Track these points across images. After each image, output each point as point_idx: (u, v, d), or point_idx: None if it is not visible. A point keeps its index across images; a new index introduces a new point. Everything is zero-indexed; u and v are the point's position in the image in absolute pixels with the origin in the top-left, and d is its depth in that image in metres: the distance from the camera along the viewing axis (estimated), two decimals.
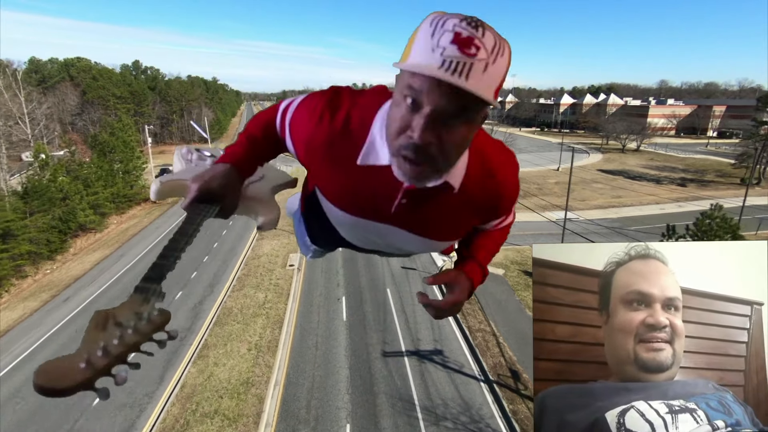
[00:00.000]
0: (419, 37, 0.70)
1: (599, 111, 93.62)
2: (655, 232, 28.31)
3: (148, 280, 0.67)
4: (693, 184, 43.84)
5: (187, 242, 0.79)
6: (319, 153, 0.92)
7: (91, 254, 25.56)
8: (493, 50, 0.67)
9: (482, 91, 0.67)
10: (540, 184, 43.32)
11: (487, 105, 0.72)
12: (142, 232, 28.99)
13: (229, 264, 22.43)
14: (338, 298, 18.57)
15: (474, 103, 0.69)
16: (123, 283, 20.73)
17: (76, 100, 66.13)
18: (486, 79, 0.68)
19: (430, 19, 0.70)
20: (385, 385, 13.05)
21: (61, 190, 26.80)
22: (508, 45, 0.72)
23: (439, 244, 1.07)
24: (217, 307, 17.83)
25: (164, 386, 13.00)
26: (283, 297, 18.70)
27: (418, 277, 20.55)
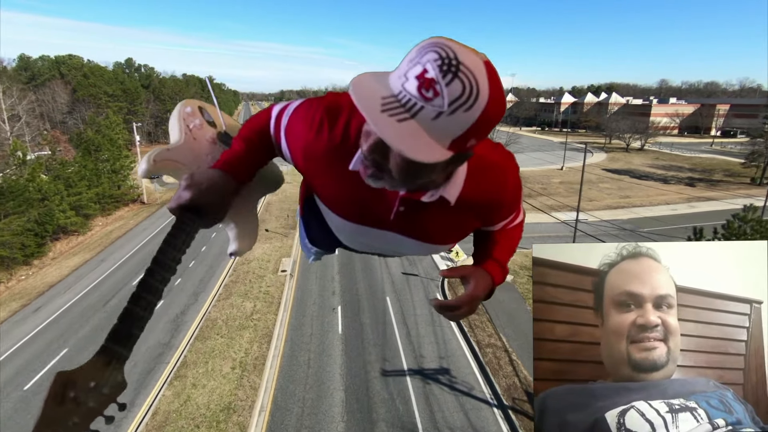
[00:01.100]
0: (404, 59, 0.66)
1: (601, 110, 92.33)
2: (670, 233, 26.87)
3: (114, 340, 0.67)
4: (702, 184, 42.44)
5: (175, 258, 0.79)
6: (320, 163, 0.91)
7: (71, 258, 23.95)
8: (454, 102, 0.60)
9: (411, 140, 0.61)
10: (545, 184, 41.88)
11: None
12: (126, 234, 27.37)
13: (217, 270, 20.84)
14: (333, 308, 17.01)
15: None
16: (100, 291, 19.12)
17: (66, 98, 64.36)
18: (436, 127, 0.62)
19: (424, 44, 0.64)
20: (385, 411, 11.51)
21: (39, 191, 25.18)
22: (487, 97, 0.61)
23: (441, 247, 1.06)
24: (201, 319, 16.25)
25: (133, 413, 11.41)
26: (273, 306, 17.13)
27: (420, 283, 19.02)
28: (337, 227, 1.07)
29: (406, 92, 0.62)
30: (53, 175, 27.48)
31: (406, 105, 0.62)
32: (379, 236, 0.99)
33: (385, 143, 0.63)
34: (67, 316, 17.04)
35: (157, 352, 14.14)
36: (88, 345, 14.86)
